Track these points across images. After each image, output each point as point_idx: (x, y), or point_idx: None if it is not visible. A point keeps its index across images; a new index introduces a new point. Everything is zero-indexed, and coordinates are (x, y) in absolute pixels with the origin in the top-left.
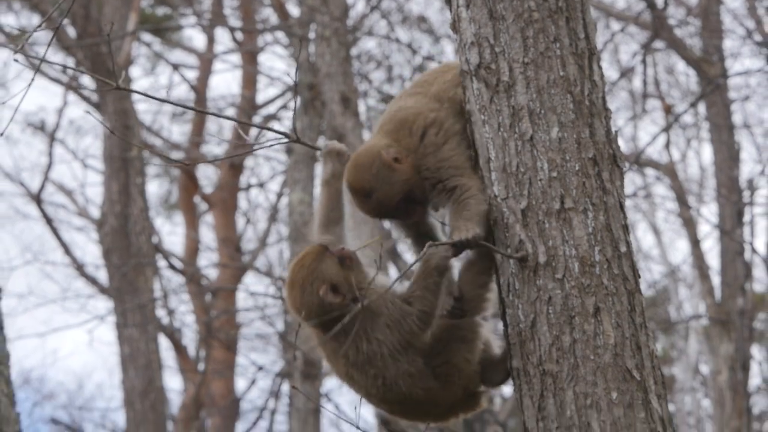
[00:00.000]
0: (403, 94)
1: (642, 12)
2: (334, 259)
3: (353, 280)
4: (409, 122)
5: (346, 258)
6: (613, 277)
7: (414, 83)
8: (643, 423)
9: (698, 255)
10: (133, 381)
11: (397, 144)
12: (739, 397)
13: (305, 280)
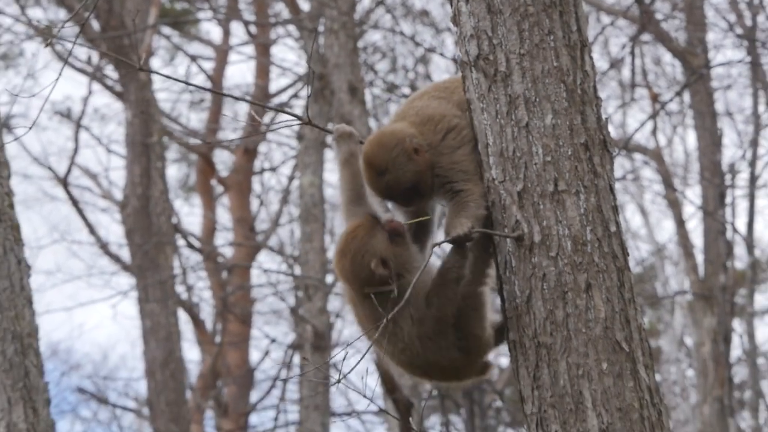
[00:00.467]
0: (424, 94)
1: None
2: (385, 234)
3: (399, 257)
4: (435, 120)
5: (396, 232)
6: (603, 255)
7: (435, 87)
8: (632, 392)
9: (683, 234)
10: (154, 352)
11: (421, 137)
12: (721, 367)
13: (357, 252)
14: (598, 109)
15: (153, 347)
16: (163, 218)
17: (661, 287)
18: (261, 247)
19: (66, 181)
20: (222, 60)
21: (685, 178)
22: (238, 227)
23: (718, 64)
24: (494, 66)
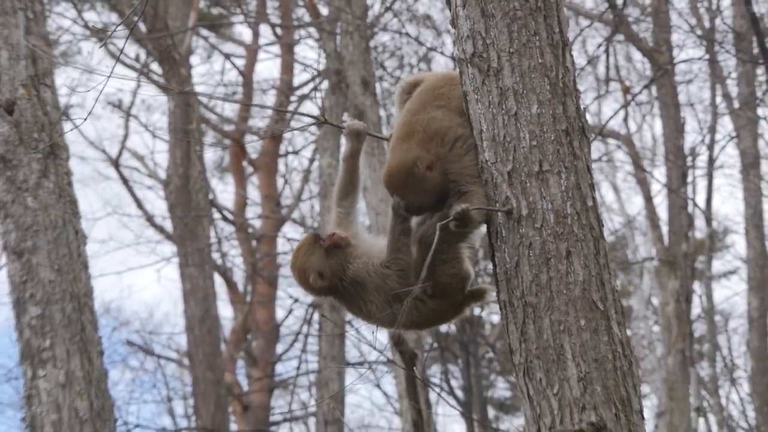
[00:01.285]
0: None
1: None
2: (322, 250)
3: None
4: (441, 133)
5: (334, 245)
6: (581, 226)
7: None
8: (606, 345)
9: (650, 209)
10: (193, 310)
11: (429, 153)
12: (683, 323)
13: (300, 269)
14: (577, 100)
15: (192, 306)
16: (201, 195)
17: (631, 254)
18: (285, 220)
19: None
20: (252, 58)
21: (653, 160)
22: (265, 202)
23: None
24: (487, 62)
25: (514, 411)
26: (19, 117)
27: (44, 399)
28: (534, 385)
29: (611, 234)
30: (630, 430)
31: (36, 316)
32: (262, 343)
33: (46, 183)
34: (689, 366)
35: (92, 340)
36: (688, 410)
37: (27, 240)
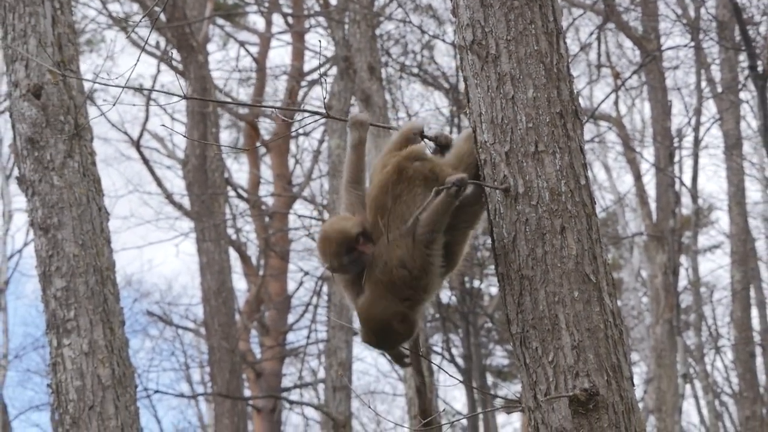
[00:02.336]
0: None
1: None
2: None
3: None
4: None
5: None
6: (575, 204)
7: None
8: (598, 315)
9: (639, 186)
10: (209, 283)
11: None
12: (671, 295)
13: (321, 253)
14: (571, 85)
15: (208, 279)
16: (217, 174)
17: (622, 229)
18: (296, 198)
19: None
20: (265, 45)
21: (641, 140)
22: (277, 181)
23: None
24: (486, 49)
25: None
26: (46, 101)
27: (69, 366)
28: (530, 353)
29: (603, 210)
30: (621, 395)
31: (61, 288)
32: (274, 313)
33: (71, 163)
34: (676, 335)
35: (114, 310)
36: (676, 377)
37: (53, 216)
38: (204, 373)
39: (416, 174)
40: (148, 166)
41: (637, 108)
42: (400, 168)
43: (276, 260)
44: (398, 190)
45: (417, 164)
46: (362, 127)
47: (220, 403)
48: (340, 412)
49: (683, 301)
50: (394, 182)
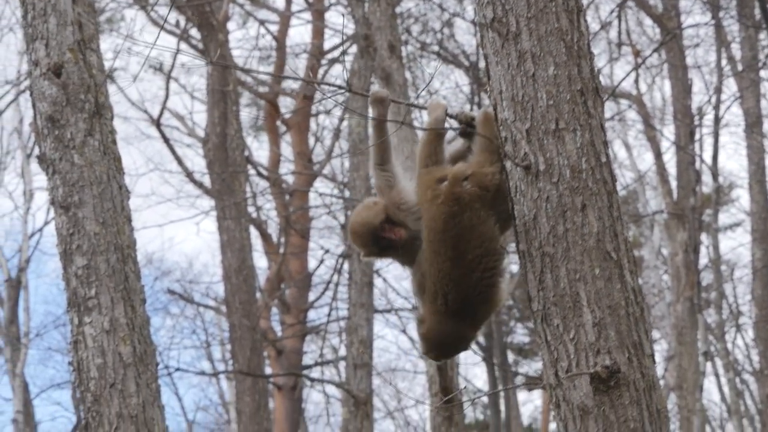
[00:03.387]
0: None
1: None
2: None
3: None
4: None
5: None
6: (596, 181)
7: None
8: (619, 292)
9: (660, 164)
10: (230, 261)
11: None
12: (691, 273)
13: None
14: (591, 62)
15: (229, 257)
16: (237, 152)
17: (642, 207)
18: (317, 175)
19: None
20: (285, 24)
21: (662, 119)
22: (298, 159)
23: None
24: (506, 27)
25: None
26: (66, 79)
27: (90, 344)
28: (551, 330)
29: (623, 189)
30: (642, 372)
31: (82, 266)
32: (294, 291)
33: (92, 141)
34: (697, 313)
35: (135, 288)
36: (696, 354)
37: (73, 195)
38: (225, 351)
39: (472, 197)
40: (168, 144)
41: (658, 86)
42: (456, 196)
43: (296, 238)
44: (466, 221)
45: (468, 187)
46: (383, 104)
47: (241, 380)
48: (361, 390)
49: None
50: (456, 213)
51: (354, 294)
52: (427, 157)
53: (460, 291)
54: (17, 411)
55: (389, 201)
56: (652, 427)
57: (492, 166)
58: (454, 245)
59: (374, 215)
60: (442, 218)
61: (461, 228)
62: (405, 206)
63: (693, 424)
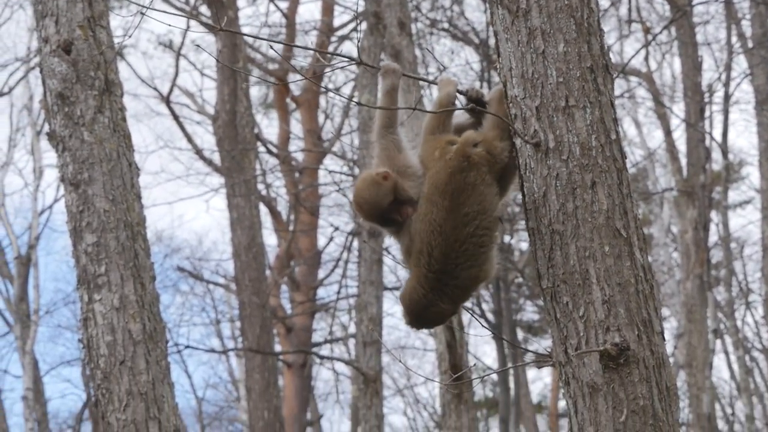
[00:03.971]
0: None
1: None
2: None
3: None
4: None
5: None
6: (605, 158)
7: None
8: (629, 269)
9: (670, 142)
10: (239, 238)
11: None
12: (701, 250)
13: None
14: (601, 39)
15: (239, 234)
16: (247, 129)
17: (652, 185)
18: (326, 153)
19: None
20: (295, 1)
21: (672, 96)
22: (308, 136)
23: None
24: (516, 4)
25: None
26: (76, 56)
27: (100, 321)
28: (561, 308)
29: (633, 166)
30: (651, 350)
31: (92, 243)
32: (304, 269)
33: (102, 118)
34: (707, 290)
35: (145, 266)
36: (706, 332)
37: (83, 172)
38: (234, 328)
39: (481, 160)
40: (178, 121)
41: (668, 63)
42: (466, 155)
43: (306, 215)
44: (471, 178)
45: (478, 150)
46: (395, 74)
47: (251, 358)
48: (371, 367)
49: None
50: (464, 169)
51: (363, 271)
52: (435, 128)
53: (447, 245)
54: (27, 388)
55: (395, 165)
56: (661, 404)
57: (502, 142)
58: (453, 197)
59: (383, 195)
60: (448, 172)
61: (465, 183)
62: (410, 170)
63: (702, 402)
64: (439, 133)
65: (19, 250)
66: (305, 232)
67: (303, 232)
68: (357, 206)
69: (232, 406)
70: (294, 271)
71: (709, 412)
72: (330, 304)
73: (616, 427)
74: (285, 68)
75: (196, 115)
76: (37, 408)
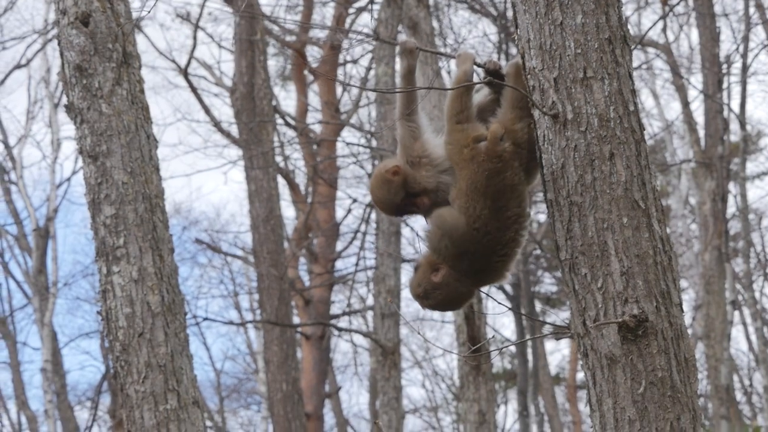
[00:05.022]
0: None
1: None
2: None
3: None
4: None
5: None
6: (624, 130)
7: None
8: (647, 241)
9: (687, 113)
10: (258, 210)
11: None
12: (719, 222)
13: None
14: (619, 11)
15: (257, 206)
16: (265, 101)
17: (670, 156)
18: (344, 125)
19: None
20: None
21: (690, 67)
22: (325, 108)
23: None
24: None
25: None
26: (94, 28)
27: (118, 294)
28: (579, 279)
29: (651, 138)
30: (670, 321)
31: (110, 215)
32: (322, 240)
33: (120, 90)
34: (725, 262)
35: (163, 238)
36: (724, 303)
37: (102, 144)
38: (253, 300)
39: (512, 156)
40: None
41: (685, 34)
42: (497, 154)
43: (324, 187)
44: (509, 179)
45: (506, 145)
46: (412, 54)
47: (269, 330)
48: (389, 339)
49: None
50: (500, 170)
51: (382, 243)
52: (458, 113)
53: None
54: (46, 360)
55: (412, 154)
56: (679, 376)
57: (521, 122)
58: (495, 199)
59: (394, 194)
60: (485, 175)
61: (504, 185)
62: (427, 159)
63: (720, 373)
64: (464, 121)
65: (37, 222)
66: (323, 204)
67: (321, 204)
68: (375, 204)
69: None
70: (312, 243)
71: (728, 384)
72: (348, 276)
73: (635, 398)
74: (303, 40)
75: (213, 87)
76: (55, 380)
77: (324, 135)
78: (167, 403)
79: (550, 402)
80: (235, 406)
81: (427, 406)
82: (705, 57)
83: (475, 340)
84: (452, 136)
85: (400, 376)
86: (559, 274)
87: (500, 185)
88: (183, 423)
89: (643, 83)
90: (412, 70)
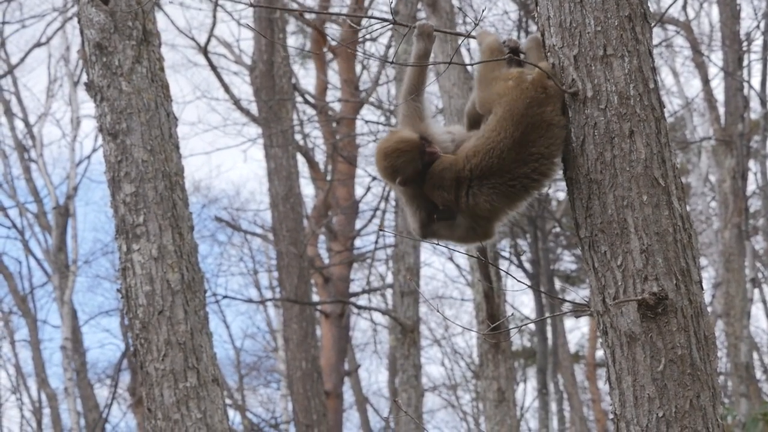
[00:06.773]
0: None
1: None
2: (416, 156)
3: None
4: None
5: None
6: (643, 107)
7: None
8: (667, 219)
9: (708, 91)
10: (277, 188)
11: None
12: (739, 199)
13: (388, 169)
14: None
15: (276, 184)
16: (284, 79)
17: (690, 134)
18: (364, 103)
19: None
20: None
21: (710, 45)
22: (345, 86)
23: None
24: None
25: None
26: (114, 6)
27: (138, 271)
28: (599, 257)
29: (671, 115)
30: (690, 299)
31: (130, 193)
32: (342, 218)
33: (140, 68)
34: (745, 239)
35: (183, 216)
36: (744, 281)
37: (122, 122)
38: (272, 278)
39: (557, 93)
40: (215, 72)
41: (706, 12)
42: (544, 85)
43: (343, 165)
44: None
45: (552, 83)
46: (429, 38)
47: (289, 308)
48: (408, 317)
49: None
50: (542, 102)
51: (401, 221)
52: (493, 69)
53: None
54: (66, 338)
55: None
56: (699, 353)
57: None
58: (526, 131)
59: (409, 134)
60: (526, 102)
61: (541, 119)
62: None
63: (740, 351)
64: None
65: (57, 200)
66: (342, 181)
67: (340, 182)
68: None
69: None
70: (331, 221)
71: (747, 362)
72: (367, 254)
73: (654, 376)
74: (322, 18)
75: (233, 65)
76: (75, 358)
77: (343, 113)
78: (187, 381)
79: (570, 380)
80: (254, 383)
81: (447, 384)
82: (725, 34)
83: (494, 318)
84: (488, 81)
85: (420, 354)
86: (579, 251)
87: (537, 118)
88: (202, 401)
89: (663, 61)
90: (428, 53)
